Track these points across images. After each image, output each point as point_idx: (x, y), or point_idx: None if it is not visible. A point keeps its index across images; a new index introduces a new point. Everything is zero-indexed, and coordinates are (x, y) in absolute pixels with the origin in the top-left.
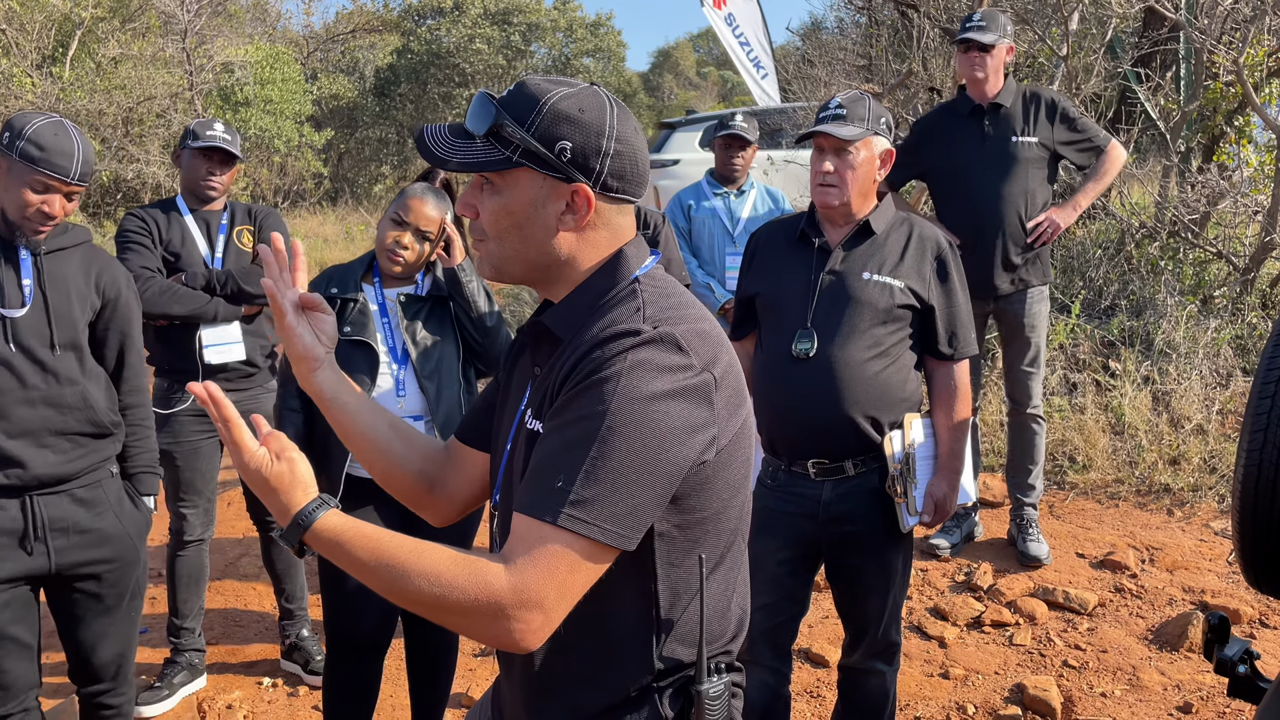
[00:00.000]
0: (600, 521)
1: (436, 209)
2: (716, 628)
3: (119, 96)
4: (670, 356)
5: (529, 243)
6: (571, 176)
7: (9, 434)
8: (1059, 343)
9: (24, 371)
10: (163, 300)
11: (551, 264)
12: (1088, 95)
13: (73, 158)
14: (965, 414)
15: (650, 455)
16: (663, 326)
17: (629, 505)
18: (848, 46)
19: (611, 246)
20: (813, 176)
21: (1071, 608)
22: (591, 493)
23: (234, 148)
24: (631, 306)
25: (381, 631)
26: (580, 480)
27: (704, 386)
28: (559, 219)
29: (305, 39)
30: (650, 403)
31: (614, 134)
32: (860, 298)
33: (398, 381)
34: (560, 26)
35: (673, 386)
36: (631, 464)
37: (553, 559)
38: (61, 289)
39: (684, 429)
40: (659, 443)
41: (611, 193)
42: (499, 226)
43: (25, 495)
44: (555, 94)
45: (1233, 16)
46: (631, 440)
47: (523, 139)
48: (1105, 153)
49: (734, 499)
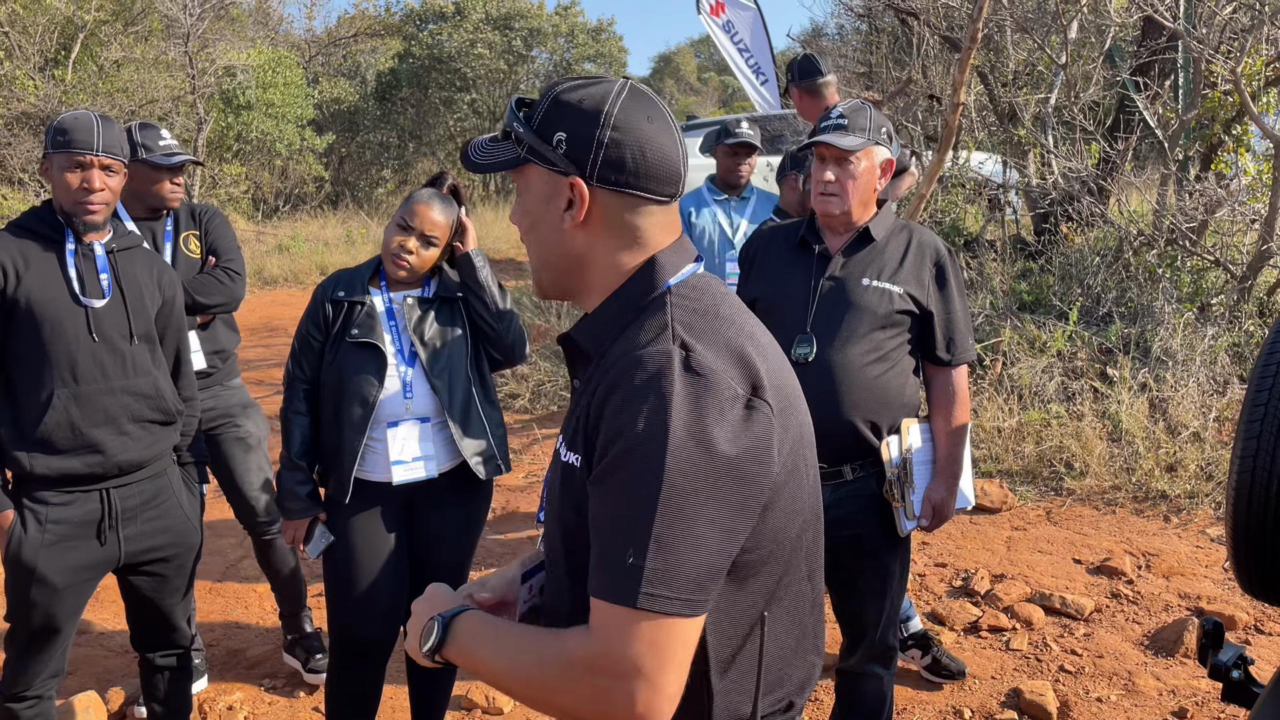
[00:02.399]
0: (681, 594)
1: (443, 214)
2: (774, 676)
3: (121, 99)
4: (711, 391)
5: (544, 245)
6: (566, 169)
7: (92, 422)
8: (1057, 349)
9: (105, 361)
10: None
11: (571, 268)
12: (1086, 103)
13: (93, 133)
14: (964, 419)
15: (720, 506)
16: (694, 354)
17: (707, 566)
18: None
19: (636, 251)
20: (814, 185)
21: (1068, 613)
22: (665, 564)
23: (187, 154)
24: (659, 322)
25: (385, 634)
26: (651, 552)
27: (757, 416)
28: (562, 217)
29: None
30: (705, 442)
31: (611, 121)
32: (859, 303)
33: (405, 383)
34: (562, 31)
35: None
36: (702, 520)
37: (644, 633)
38: (134, 284)
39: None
40: (725, 489)
41: (611, 186)
42: (524, 229)
43: (103, 486)
44: (565, 85)
45: (1231, 26)
46: (697, 493)
47: (525, 134)
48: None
49: (784, 532)
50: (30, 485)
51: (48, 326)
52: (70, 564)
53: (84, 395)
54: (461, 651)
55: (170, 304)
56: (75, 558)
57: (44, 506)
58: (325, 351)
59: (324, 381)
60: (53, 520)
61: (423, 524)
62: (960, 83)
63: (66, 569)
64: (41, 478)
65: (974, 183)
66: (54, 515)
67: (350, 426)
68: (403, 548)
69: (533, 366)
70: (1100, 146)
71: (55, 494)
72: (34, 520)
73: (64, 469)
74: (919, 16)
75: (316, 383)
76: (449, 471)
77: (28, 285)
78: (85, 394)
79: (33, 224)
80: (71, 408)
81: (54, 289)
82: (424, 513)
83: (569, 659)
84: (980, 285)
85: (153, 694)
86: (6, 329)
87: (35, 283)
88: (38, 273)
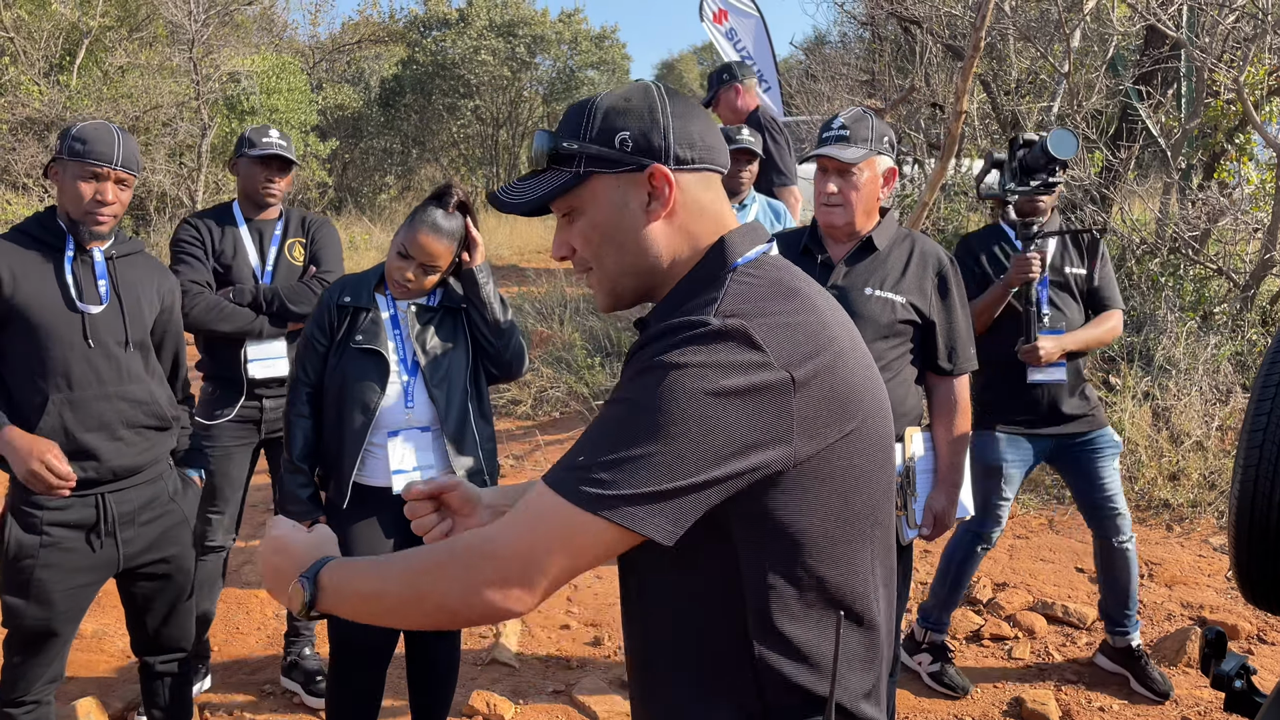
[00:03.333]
0: (610, 500)
1: (444, 242)
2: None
3: (126, 105)
4: (736, 353)
5: (625, 249)
6: (641, 163)
7: (86, 427)
8: None
9: (100, 367)
10: (210, 317)
11: (654, 265)
12: (1089, 112)
13: (113, 146)
14: (965, 428)
15: (689, 455)
16: (735, 319)
17: (653, 489)
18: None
19: (711, 229)
20: (816, 196)
21: (1070, 622)
22: (609, 473)
23: (290, 154)
24: (707, 298)
25: (385, 640)
26: (600, 455)
27: (776, 386)
28: (646, 211)
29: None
30: (699, 399)
31: (666, 108)
32: (862, 313)
33: (406, 392)
34: (565, 39)
35: (731, 385)
36: (664, 459)
37: (539, 522)
38: (132, 291)
39: (739, 432)
40: (701, 443)
41: (687, 164)
42: (593, 246)
43: (99, 491)
44: (598, 96)
45: (1233, 35)
46: (670, 434)
47: (583, 147)
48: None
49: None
50: (27, 490)
51: (42, 331)
52: (68, 568)
53: (78, 401)
54: (337, 599)
55: (169, 311)
56: (73, 562)
57: (41, 511)
58: (329, 356)
59: (327, 386)
60: (50, 524)
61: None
62: (963, 91)
63: (64, 573)
64: None
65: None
66: (50, 519)
67: (351, 432)
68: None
69: (535, 373)
70: (1103, 155)
71: (51, 498)
72: (31, 524)
73: None
74: (922, 25)
75: (320, 387)
76: None
77: (23, 290)
78: (80, 399)
79: (34, 230)
80: (66, 413)
81: (50, 294)
82: None
83: (450, 545)
84: None
85: (153, 700)
86: (1, 333)
87: (31, 288)
88: (34, 278)
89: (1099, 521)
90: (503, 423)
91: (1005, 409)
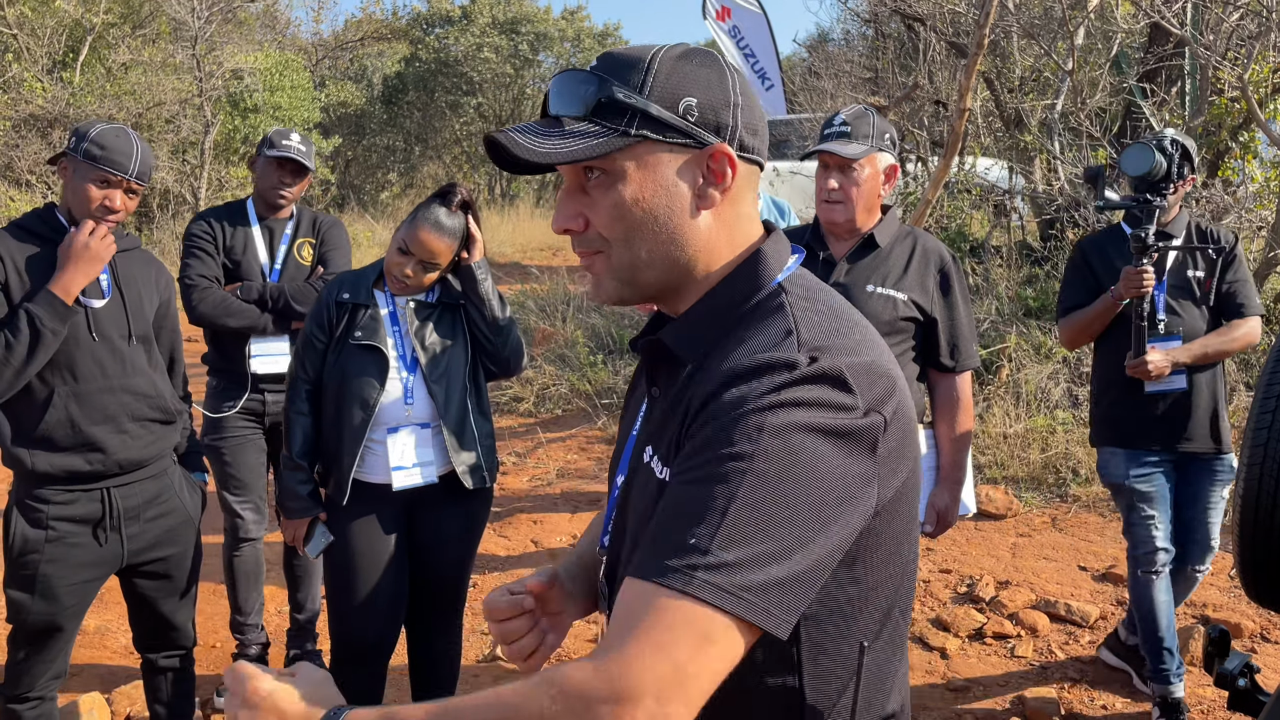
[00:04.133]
0: (745, 593)
1: (445, 240)
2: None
3: (129, 102)
4: (834, 395)
5: (662, 236)
6: (704, 139)
7: (91, 420)
8: (1062, 355)
9: (104, 360)
10: (218, 312)
11: (689, 262)
12: (1093, 109)
13: (131, 156)
14: (967, 425)
15: (814, 508)
16: (824, 358)
17: (785, 574)
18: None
19: (746, 236)
20: (818, 193)
21: (1073, 620)
22: (735, 555)
23: (307, 160)
24: (780, 327)
25: (384, 635)
26: (720, 537)
27: (871, 430)
28: (698, 195)
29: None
30: (811, 441)
31: (736, 84)
32: (864, 310)
33: (406, 389)
34: (568, 36)
35: (836, 425)
36: (789, 518)
37: (668, 634)
38: (133, 286)
39: (854, 478)
40: (824, 493)
41: (748, 153)
42: (626, 224)
43: (103, 485)
44: (658, 49)
45: (1238, 33)
46: (789, 488)
47: (640, 103)
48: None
49: (890, 566)
50: (32, 483)
51: None
52: (73, 563)
53: (84, 394)
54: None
55: (166, 305)
56: (78, 557)
57: (46, 505)
58: (328, 353)
59: (326, 383)
60: (55, 519)
61: (423, 528)
62: (966, 88)
63: (69, 568)
64: (43, 475)
65: (980, 189)
66: (56, 514)
67: (350, 428)
68: (402, 549)
69: (537, 370)
70: (1106, 153)
71: (57, 492)
72: (37, 519)
73: (65, 466)
74: (925, 22)
75: (319, 384)
76: (448, 476)
77: (27, 284)
78: (85, 392)
79: (34, 225)
80: (71, 406)
81: None
82: (424, 517)
83: (554, 689)
84: (986, 291)
85: (155, 695)
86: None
87: (34, 282)
88: (38, 272)
89: (1188, 545)
90: (505, 420)
91: (1122, 422)
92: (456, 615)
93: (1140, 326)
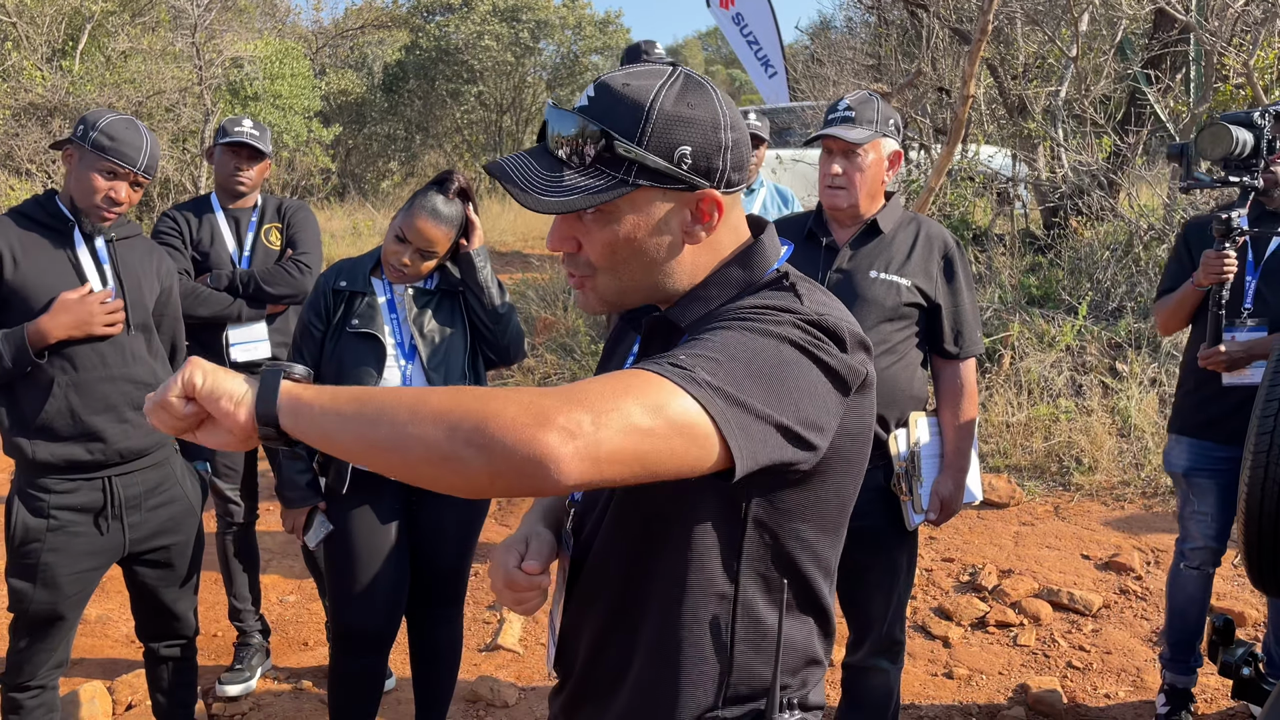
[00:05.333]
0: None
1: (443, 228)
2: (794, 658)
3: (128, 90)
4: (827, 338)
5: (651, 268)
6: (695, 184)
7: (92, 409)
8: (1066, 344)
9: (104, 349)
10: (187, 303)
11: (674, 283)
12: (1097, 97)
13: (141, 150)
14: (971, 413)
15: (786, 391)
16: (826, 316)
17: (754, 415)
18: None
19: (731, 244)
20: (821, 178)
21: (1076, 609)
22: (719, 382)
23: (261, 144)
24: (784, 291)
25: (386, 625)
26: (709, 365)
27: (853, 374)
28: (685, 233)
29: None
30: (796, 349)
31: (728, 122)
32: (867, 296)
33: (404, 377)
34: (569, 24)
35: (823, 357)
36: (763, 385)
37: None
38: (133, 275)
39: (823, 390)
40: (797, 384)
41: (732, 188)
42: (615, 258)
43: (104, 474)
44: (658, 93)
45: (1243, 19)
46: (773, 369)
47: (638, 155)
48: None
49: (823, 514)
50: (34, 473)
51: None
52: (74, 552)
53: (83, 383)
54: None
55: (168, 293)
56: (79, 546)
57: (48, 494)
58: (325, 341)
59: (324, 372)
60: (56, 508)
61: (423, 518)
62: (970, 75)
63: (70, 557)
64: (44, 464)
65: (983, 176)
66: (57, 503)
67: None
68: (403, 539)
69: (538, 359)
70: (1111, 140)
71: (58, 481)
72: (38, 508)
73: (66, 455)
74: (928, 8)
75: (317, 372)
76: None
77: (27, 272)
78: (85, 381)
79: (35, 213)
80: (71, 395)
81: (55, 277)
82: (423, 506)
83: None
84: (989, 279)
85: (157, 684)
86: (4, 315)
87: (36, 270)
88: (39, 260)
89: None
90: None
91: (1193, 411)
92: (457, 605)
93: (1217, 315)
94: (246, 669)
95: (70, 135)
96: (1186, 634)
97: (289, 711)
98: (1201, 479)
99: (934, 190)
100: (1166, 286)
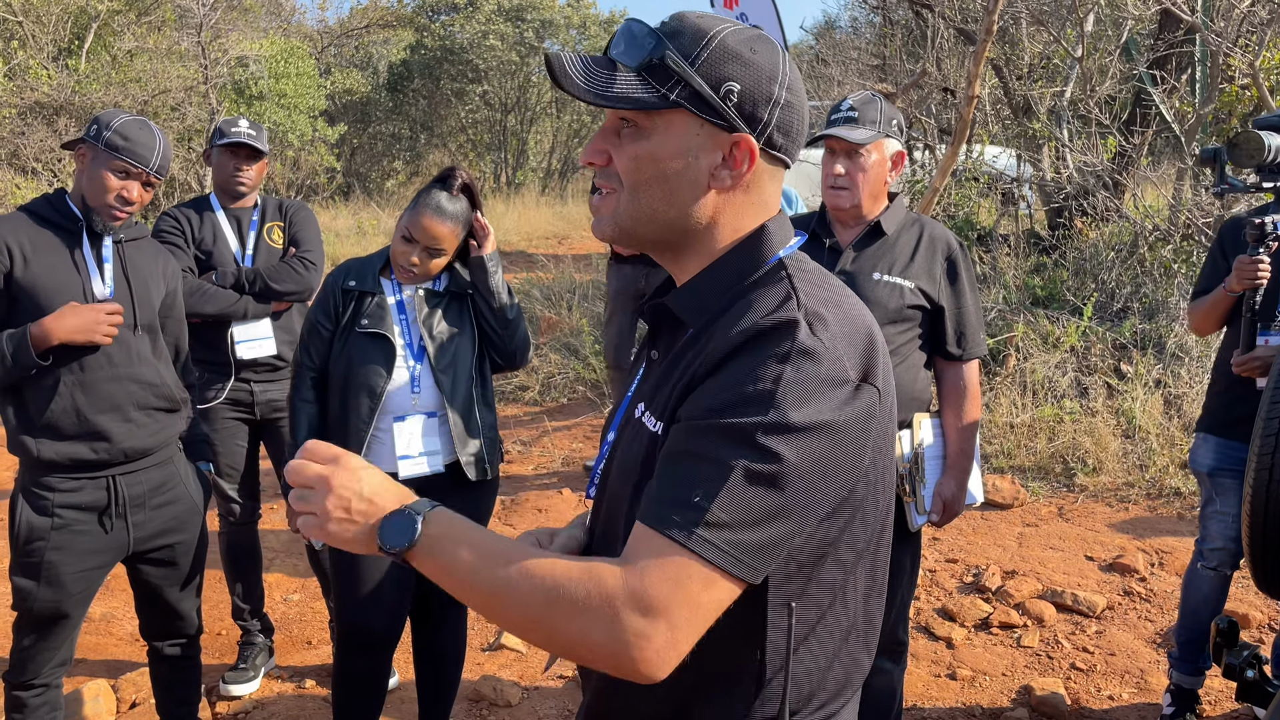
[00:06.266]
0: (735, 551)
1: (449, 225)
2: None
3: (134, 89)
4: (833, 369)
5: (672, 198)
6: (734, 124)
7: (98, 409)
8: (1070, 345)
9: (110, 349)
10: (193, 300)
11: (690, 229)
12: (1102, 97)
13: (153, 150)
14: (974, 415)
15: (804, 492)
16: (818, 327)
17: (768, 538)
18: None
19: (757, 219)
20: (824, 178)
21: (1080, 610)
22: (731, 517)
23: (259, 143)
24: (779, 293)
25: (392, 624)
26: (720, 502)
27: (869, 404)
28: (712, 174)
29: (319, 34)
30: (814, 432)
31: (785, 81)
32: (870, 298)
33: (413, 378)
34: (574, 23)
35: (839, 407)
36: (782, 500)
37: (680, 572)
38: (140, 275)
39: (846, 462)
40: (815, 479)
41: (775, 149)
42: (639, 175)
43: (109, 473)
44: (724, 28)
45: (1249, 19)
46: (786, 474)
47: (686, 74)
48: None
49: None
50: (38, 471)
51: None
52: (78, 551)
53: (89, 382)
54: (437, 559)
55: (173, 294)
56: (83, 544)
57: (52, 493)
58: (334, 341)
59: (332, 371)
60: (61, 506)
61: None
62: (975, 76)
63: (75, 556)
64: (49, 463)
65: (988, 177)
66: (62, 501)
67: (357, 417)
68: None
69: (543, 359)
70: (1116, 140)
71: (63, 480)
72: (43, 506)
73: (71, 454)
74: (933, 9)
75: (324, 371)
76: (453, 466)
77: (35, 271)
78: (91, 381)
79: (44, 211)
80: (77, 394)
81: (63, 276)
82: None
83: (593, 585)
84: (993, 280)
85: (161, 683)
86: (10, 313)
87: (44, 269)
88: (47, 259)
89: None
90: (510, 408)
91: (1222, 412)
92: (461, 606)
93: (1250, 320)
94: (250, 668)
95: (83, 135)
96: (1198, 634)
97: (292, 711)
98: (1226, 479)
99: (939, 190)
100: (1202, 287)
